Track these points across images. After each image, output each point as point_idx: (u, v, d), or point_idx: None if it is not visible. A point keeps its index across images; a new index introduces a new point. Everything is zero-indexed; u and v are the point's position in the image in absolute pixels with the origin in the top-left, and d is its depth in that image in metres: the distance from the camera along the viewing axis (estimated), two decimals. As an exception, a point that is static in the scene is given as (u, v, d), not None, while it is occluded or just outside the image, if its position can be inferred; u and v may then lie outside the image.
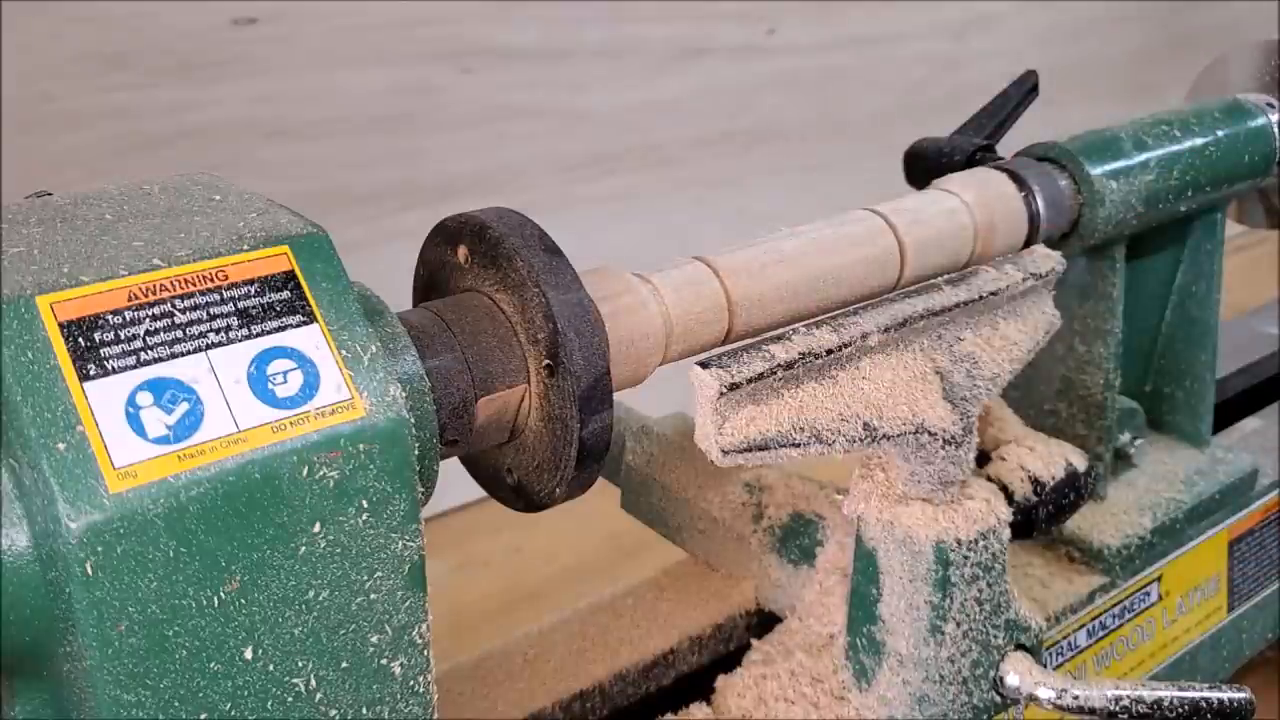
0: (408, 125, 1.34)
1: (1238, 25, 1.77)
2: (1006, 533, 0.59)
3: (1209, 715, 0.57)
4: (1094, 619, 0.75)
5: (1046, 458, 0.64)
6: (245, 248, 0.45)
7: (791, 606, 0.68)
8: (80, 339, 0.40)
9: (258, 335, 0.43)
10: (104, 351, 0.41)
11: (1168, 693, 0.57)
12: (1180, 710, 0.56)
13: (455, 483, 0.60)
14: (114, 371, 0.40)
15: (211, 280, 0.43)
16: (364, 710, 0.45)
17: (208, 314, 0.43)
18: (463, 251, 0.54)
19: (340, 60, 1.27)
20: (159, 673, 0.40)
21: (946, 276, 0.61)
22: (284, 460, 0.42)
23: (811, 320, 0.57)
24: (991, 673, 0.60)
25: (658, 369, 0.57)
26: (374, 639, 0.45)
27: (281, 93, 1.25)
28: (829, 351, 0.54)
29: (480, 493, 0.57)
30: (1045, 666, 0.60)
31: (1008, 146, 0.77)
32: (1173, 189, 0.75)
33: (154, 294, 0.42)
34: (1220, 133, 0.77)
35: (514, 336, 0.52)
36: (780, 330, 0.56)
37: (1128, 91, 2.01)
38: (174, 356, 0.42)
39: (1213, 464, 0.85)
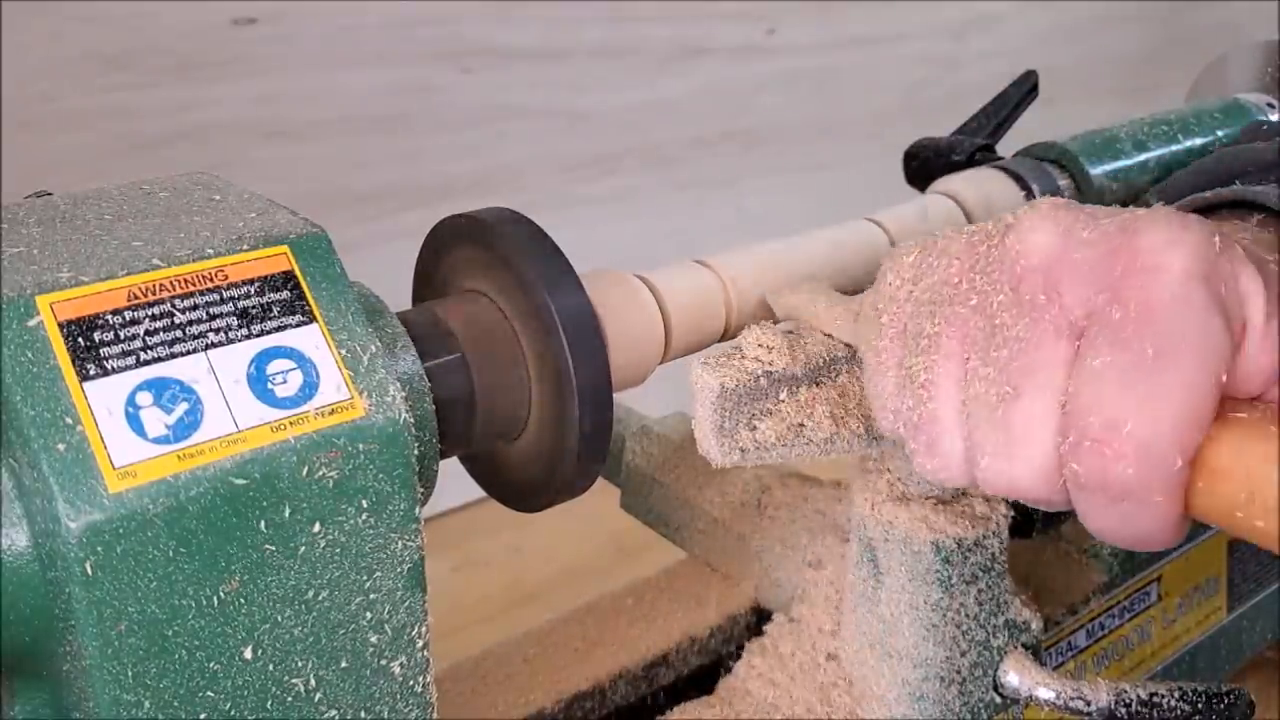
0: (408, 125, 1.33)
1: (1238, 25, 1.77)
2: (1006, 533, 0.59)
3: (1208, 715, 0.56)
4: (1094, 619, 0.75)
5: (1046, 458, 0.64)
6: (245, 248, 0.45)
7: (791, 604, 0.68)
8: (80, 339, 0.40)
9: (257, 335, 0.43)
10: (104, 351, 0.41)
11: (1167, 693, 0.57)
12: (1180, 710, 0.56)
13: (455, 483, 0.60)
14: (114, 371, 0.40)
15: (211, 280, 0.43)
16: (363, 710, 0.45)
17: (207, 314, 0.43)
18: (462, 251, 0.54)
19: (340, 60, 1.27)
20: (159, 673, 0.40)
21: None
22: (283, 460, 0.42)
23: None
24: (991, 673, 0.60)
25: (658, 369, 0.57)
26: (373, 639, 0.45)
27: (281, 93, 1.24)
28: (828, 352, 0.54)
29: (480, 493, 0.57)
30: (1045, 666, 0.60)
31: (1008, 146, 0.77)
32: (1173, 189, 0.75)
33: (154, 294, 0.42)
34: (1220, 133, 0.77)
35: (514, 336, 0.52)
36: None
37: (1128, 91, 2.01)
38: (174, 356, 0.42)
39: (1213, 464, 0.85)
